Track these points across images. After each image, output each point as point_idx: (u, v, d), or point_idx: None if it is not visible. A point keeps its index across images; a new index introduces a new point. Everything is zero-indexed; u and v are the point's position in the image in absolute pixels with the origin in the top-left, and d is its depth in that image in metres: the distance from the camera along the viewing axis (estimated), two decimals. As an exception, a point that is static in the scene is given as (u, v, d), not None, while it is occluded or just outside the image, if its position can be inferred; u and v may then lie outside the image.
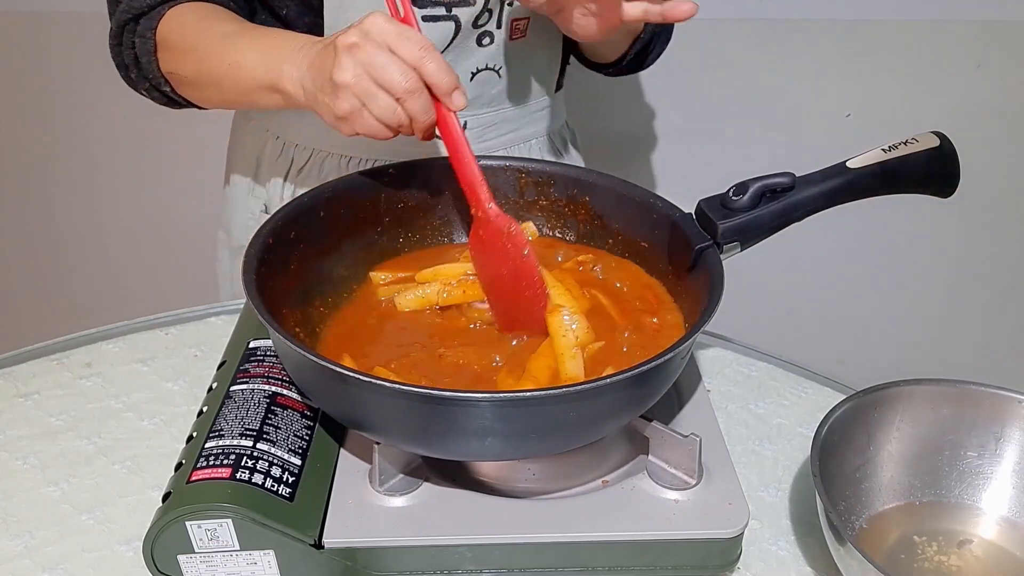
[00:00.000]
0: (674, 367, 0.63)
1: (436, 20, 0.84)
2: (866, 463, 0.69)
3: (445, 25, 0.84)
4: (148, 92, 0.84)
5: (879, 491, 0.69)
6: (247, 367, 0.69)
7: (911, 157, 0.69)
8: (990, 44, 1.42)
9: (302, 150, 0.92)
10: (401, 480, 0.63)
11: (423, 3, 0.82)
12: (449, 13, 0.83)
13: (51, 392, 0.80)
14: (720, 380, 0.84)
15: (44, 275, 1.69)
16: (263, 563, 0.59)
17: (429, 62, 0.65)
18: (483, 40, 0.87)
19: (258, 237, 0.68)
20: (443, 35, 0.85)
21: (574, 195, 0.80)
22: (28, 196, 1.61)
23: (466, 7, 0.83)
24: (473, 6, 0.83)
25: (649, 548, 0.61)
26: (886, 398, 0.69)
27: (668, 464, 0.65)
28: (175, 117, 1.55)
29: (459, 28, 0.84)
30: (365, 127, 0.66)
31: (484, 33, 0.86)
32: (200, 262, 1.64)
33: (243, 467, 0.60)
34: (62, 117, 1.52)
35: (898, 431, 0.69)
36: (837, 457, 0.66)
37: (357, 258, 0.78)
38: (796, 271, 1.61)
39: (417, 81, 0.65)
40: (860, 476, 0.68)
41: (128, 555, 0.65)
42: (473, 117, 0.91)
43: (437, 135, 0.70)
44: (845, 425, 0.66)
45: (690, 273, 0.70)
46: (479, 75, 0.89)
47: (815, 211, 0.69)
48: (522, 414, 0.57)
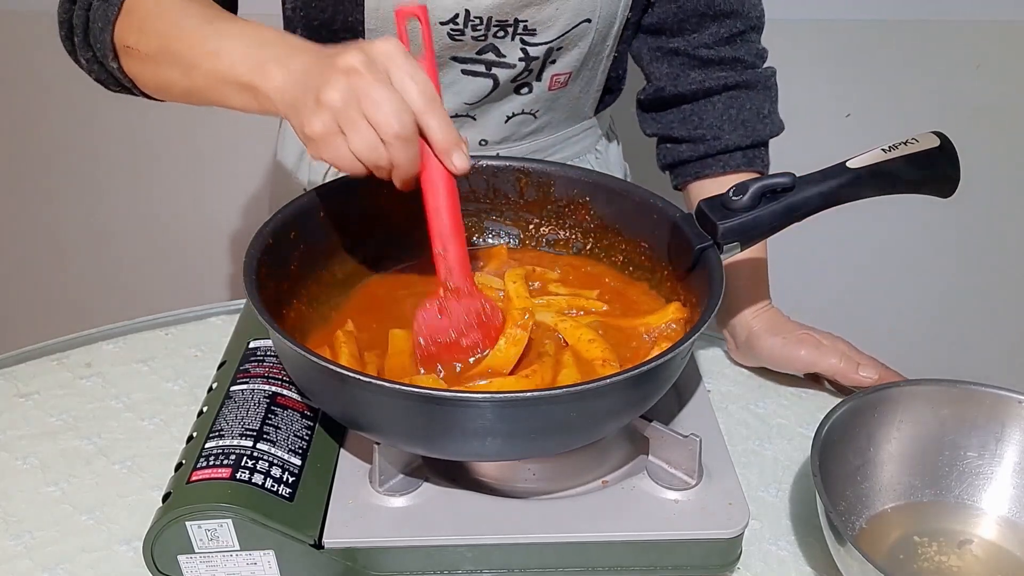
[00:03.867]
0: (674, 367, 0.63)
1: (475, 75, 0.83)
2: (866, 463, 0.69)
3: (483, 81, 0.84)
4: (88, 63, 0.74)
5: (879, 491, 0.69)
6: (247, 367, 0.69)
7: (911, 157, 0.69)
8: (990, 44, 1.42)
9: None
10: (401, 480, 0.63)
11: (462, 58, 0.81)
12: (488, 71, 0.83)
13: (51, 392, 0.80)
14: (720, 380, 0.84)
15: (44, 275, 1.69)
16: (263, 563, 0.59)
17: (431, 116, 0.58)
18: (521, 90, 0.86)
19: (258, 237, 0.68)
20: (480, 89, 0.84)
21: (574, 195, 0.80)
22: (28, 196, 1.61)
23: (506, 68, 0.83)
24: (513, 68, 0.83)
25: (649, 548, 0.61)
26: (886, 398, 0.69)
27: (668, 464, 0.64)
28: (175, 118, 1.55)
29: (496, 85, 0.84)
30: (334, 155, 0.58)
31: (523, 85, 0.85)
32: (200, 262, 1.65)
33: (243, 467, 0.60)
34: (62, 117, 1.51)
35: (898, 431, 0.69)
36: (837, 457, 0.66)
37: (357, 258, 0.78)
38: (796, 271, 1.61)
39: (412, 128, 0.57)
40: (860, 476, 0.68)
41: (128, 555, 0.65)
42: (506, 149, 0.90)
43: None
44: (845, 425, 0.66)
45: (690, 273, 0.70)
46: (514, 118, 0.88)
47: (815, 211, 0.68)
48: (522, 414, 0.56)
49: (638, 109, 0.92)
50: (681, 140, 0.88)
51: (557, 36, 0.81)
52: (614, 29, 0.85)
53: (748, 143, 0.86)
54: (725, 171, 0.86)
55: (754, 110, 0.86)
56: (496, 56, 0.82)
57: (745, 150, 0.86)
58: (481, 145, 0.90)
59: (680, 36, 0.86)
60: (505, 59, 0.82)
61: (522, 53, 0.81)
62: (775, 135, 0.88)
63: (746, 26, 0.86)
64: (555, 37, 0.81)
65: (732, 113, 0.86)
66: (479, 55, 0.81)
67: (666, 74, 0.87)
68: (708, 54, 0.85)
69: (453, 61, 0.82)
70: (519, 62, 0.82)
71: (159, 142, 1.54)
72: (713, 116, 0.86)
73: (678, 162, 0.89)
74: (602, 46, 0.86)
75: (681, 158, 0.88)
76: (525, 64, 0.82)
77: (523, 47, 0.81)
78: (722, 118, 0.86)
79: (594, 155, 1.00)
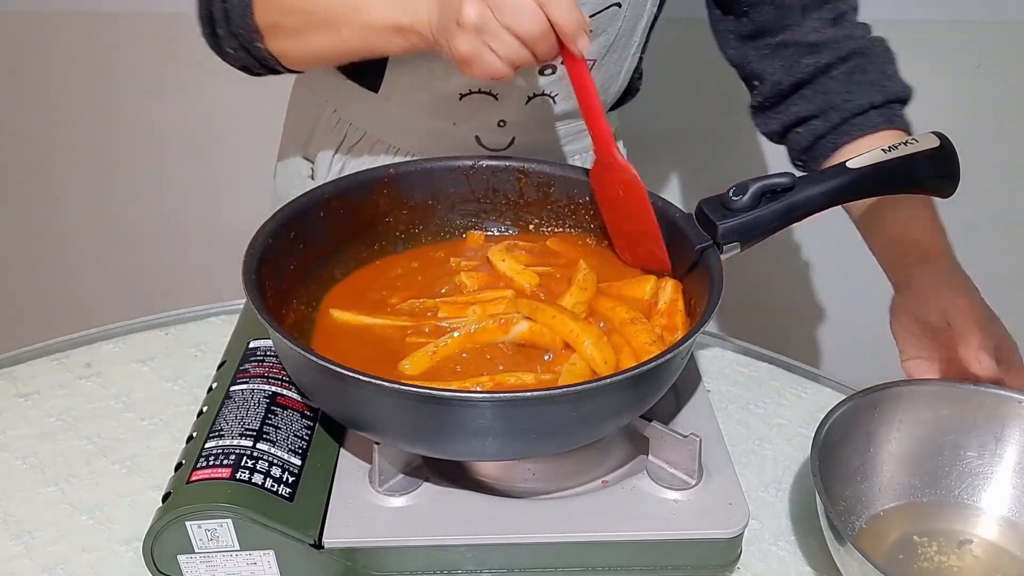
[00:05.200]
0: (674, 367, 0.63)
1: None
2: (866, 463, 0.69)
3: None
4: (234, 52, 0.78)
5: (879, 491, 0.69)
6: (247, 367, 0.69)
7: (911, 157, 0.69)
8: (990, 44, 1.42)
9: (355, 129, 0.91)
10: (401, 480, 0.63)
11: None
12: None
13: (51, 392, 0.80)
14: (720, 380, 0.84)
15: (44, 275, 1.69)
16: (263, 563, 0.59)
17: (553, 6, 0.62)
18: (545, 70, 0.86)
19: (258, 237, 0.68)
20: None
21: (574, 195, 0.80)
22: (28, 196, 1.61)
23: None
24: None
25: (649, 548, 0.61)
26: (886, 398, 0.69)
27: (668, 464, 0.64)
28: (174, 117, 1.56)
29: None
30: (487, 68, 0.64)
31: (548, 65, 0.85)
32: (200, 262, 1.65)
33: (243, 467, 0.60)
34: (62, 117, 1.51)
35: (898, 431, 0.69)
36: (837, 457, 0.66)
37: (357, 259, 0.78)
38: (796, 271, 1.61)
39: (545, 23, 0.62)
40: (860, 476, 0.68)
41: (128, 555, 0.65)
42: (523, 134, 0.91)
43: None
44: (845, 425, 0.66)
45: (690, 273, 0.70)
46: (534, 99, 0.88)
47: (815, 211, 0.69)
48: (522, 414, 0.56)
49: (755, 116, 0.90)
50: (810, 117, 0.84)
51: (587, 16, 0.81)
52: (642, 23, 0.86)
53: (881, 100, 0.82)
54: (864, 132, 0.82)
55: (877, 70, 0.83)
56: None
57: (880, 108, 0.82)
58: (500, 126, 0.90)
59: (785, 31, 0.85)
60: None
61: None
62: (906, 95, 0.83)
63: (847, 7, 0.85)
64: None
65: (856, 77, 0.83)
66: None
67: (779, 67, 0.86)
68: (817, 37, 0.84)
69: None
70: None
71: (159, 143, 1.54)
72: (837, 85, 0.83)
73: (813, 140, 0.84)
74: (628, 40, 0.86)
75: (816, 134, 0.84)
76: None
77: None
78: (847, 83, 0.83)
79: None
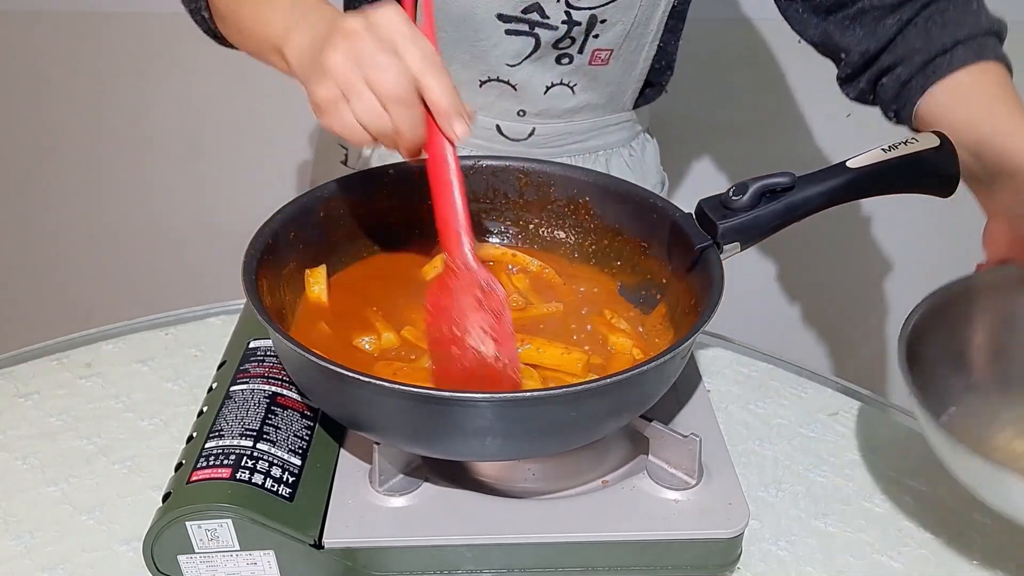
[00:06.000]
0: (674, 367, 0.63)
1: (517, 34, 0.84)
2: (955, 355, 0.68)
3: (525, 40, 0.85)
4: (192, 16, 0.79)
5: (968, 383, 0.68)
6: (247, 367, 0.69)
7: (911, 157, 0.70)
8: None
9: None
10: (401, 480, 0.63)
11: (507, 16, 0.82)
12: (531, 31, 0.84)
13: (51, 392, 0.80)
14: (720, 380, 0.84)
15: (44, 275, 1.69)
16: (263, 563, 0.59)
17: (431, 77, 0.58)
18: (562, 60, 0.87)
19: (258, 237, 0.68)
20: (521, 48, 0.85)
21: (574, 195, 0.80)
22: (27, 196, 1.61)
23: (548, 29, 0.84)
24: (556, 30, 0.84)
25: (649, 548, 0.61)
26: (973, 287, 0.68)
27: (668, 464, 0.65)
28: (174, 117, 1.56)
29: (538, 46, 0.85)
30: (340, 123, 0.59)
31: (564, 54, 0.86)
32: (200, 262, 1.65)
33: (243, 467, 0.60)
34: (61, 117, 1.51)
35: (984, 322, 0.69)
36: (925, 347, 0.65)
37: (357, 258, 0.78)
38: (796, 271, 1.61)
39: (411, 92, 0.58)
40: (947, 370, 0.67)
41: (128, 555, 0.65)
42: (543, 124, 0.91)
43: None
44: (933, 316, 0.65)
45: (690, 273, 0.70)
46: (552, 89, 0.88)
47: (815, 211, 0.69)
48: (522, 414, 0.57)
49: (843, 85, 0.87)
50: (893, 66, 0.80)
51: (601, 4, 0.82)
52: (659, 11, 0.86)
53: (965, 35, 0.77)
54: (952, 68, 0.76)
55: (960, 7, 0.79)
56: (540, 16, 0.83)
57: (966, 43, 0.77)
58: (520, 116, 0.90)
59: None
60: (548, 20, 0.83)
61: (565, 16, 0.83)
62: (997, 28, 0.78)
63: None
64: (599, 4, 0.82)
65: (937, 19, 0.79)
66: (524, 14, 0.83)
67: (864, 35, 0.82)
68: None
69: (498, 20, 0.83)
70: (562, 24, 0.83)
71: (159, 142, 1.54)
72: (919, 31, 0.79)
73: (899, 87, 0.80)
74: (645, 29, 0.87)
75: (900, 80, 0.80)
76: (568, 28, 0.84)
77: (567, 10, 0.83)
78: (927, 26, 0.79)
79: (628, 150, 1.00)
